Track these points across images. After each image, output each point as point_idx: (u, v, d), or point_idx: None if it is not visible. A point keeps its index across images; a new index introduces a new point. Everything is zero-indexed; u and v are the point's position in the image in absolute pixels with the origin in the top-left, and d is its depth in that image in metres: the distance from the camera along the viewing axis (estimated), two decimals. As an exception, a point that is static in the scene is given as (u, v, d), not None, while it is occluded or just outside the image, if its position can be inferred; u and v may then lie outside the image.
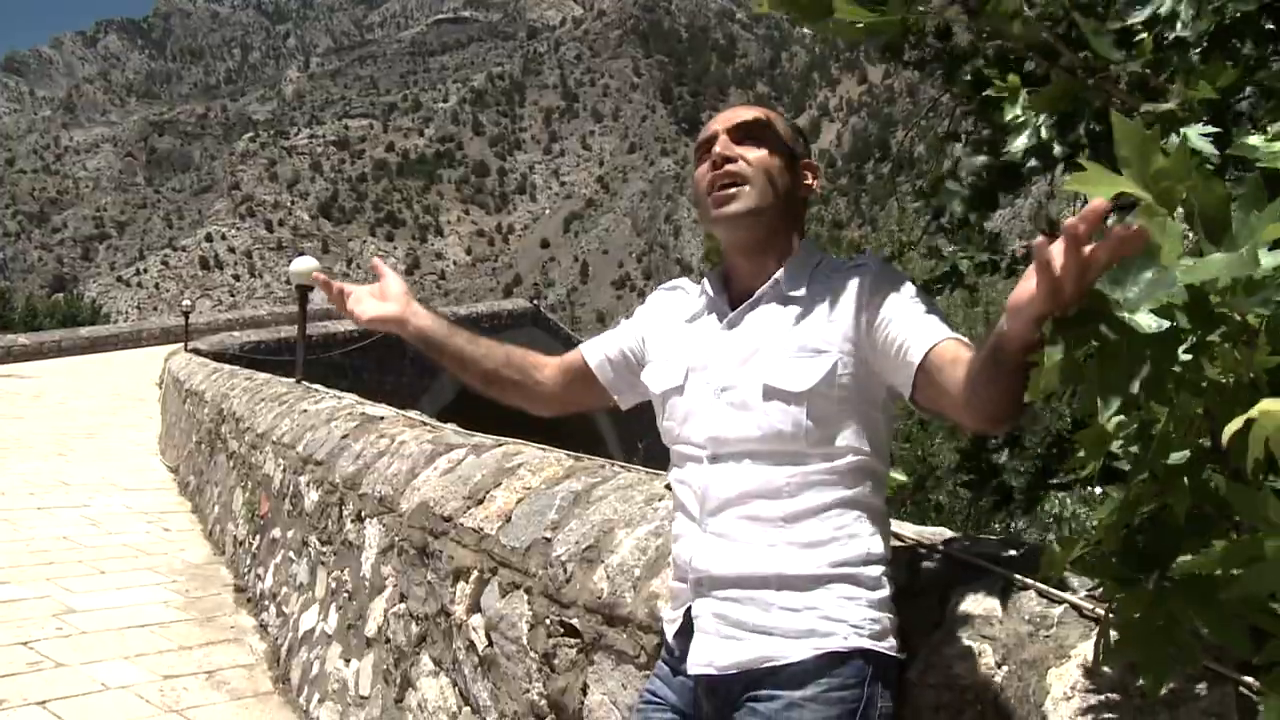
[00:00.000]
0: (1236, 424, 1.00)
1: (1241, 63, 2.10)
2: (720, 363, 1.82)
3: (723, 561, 1.75)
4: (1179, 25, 2.08)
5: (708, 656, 1.75)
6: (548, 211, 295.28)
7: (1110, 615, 1.38)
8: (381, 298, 2.14)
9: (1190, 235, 1.15)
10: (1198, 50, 2.10)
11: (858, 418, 1.74)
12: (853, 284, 1.75)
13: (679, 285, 2.05)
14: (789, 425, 1.72)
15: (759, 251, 1.85)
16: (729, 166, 1.82)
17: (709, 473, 1.79)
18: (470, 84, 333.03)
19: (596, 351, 2.09)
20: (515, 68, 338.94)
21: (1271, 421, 0.97)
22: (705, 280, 1.95)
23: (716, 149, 1.84)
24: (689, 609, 1.81)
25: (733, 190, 1.82)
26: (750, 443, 1.75)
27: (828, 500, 1.72)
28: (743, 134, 1.85)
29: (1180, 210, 1.15)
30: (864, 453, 1.74)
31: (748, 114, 1.87)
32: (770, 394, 1.73)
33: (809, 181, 1.91)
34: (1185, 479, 1.21)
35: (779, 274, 1.81)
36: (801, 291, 1.79)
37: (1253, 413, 0.98)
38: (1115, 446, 1.26)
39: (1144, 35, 2.04)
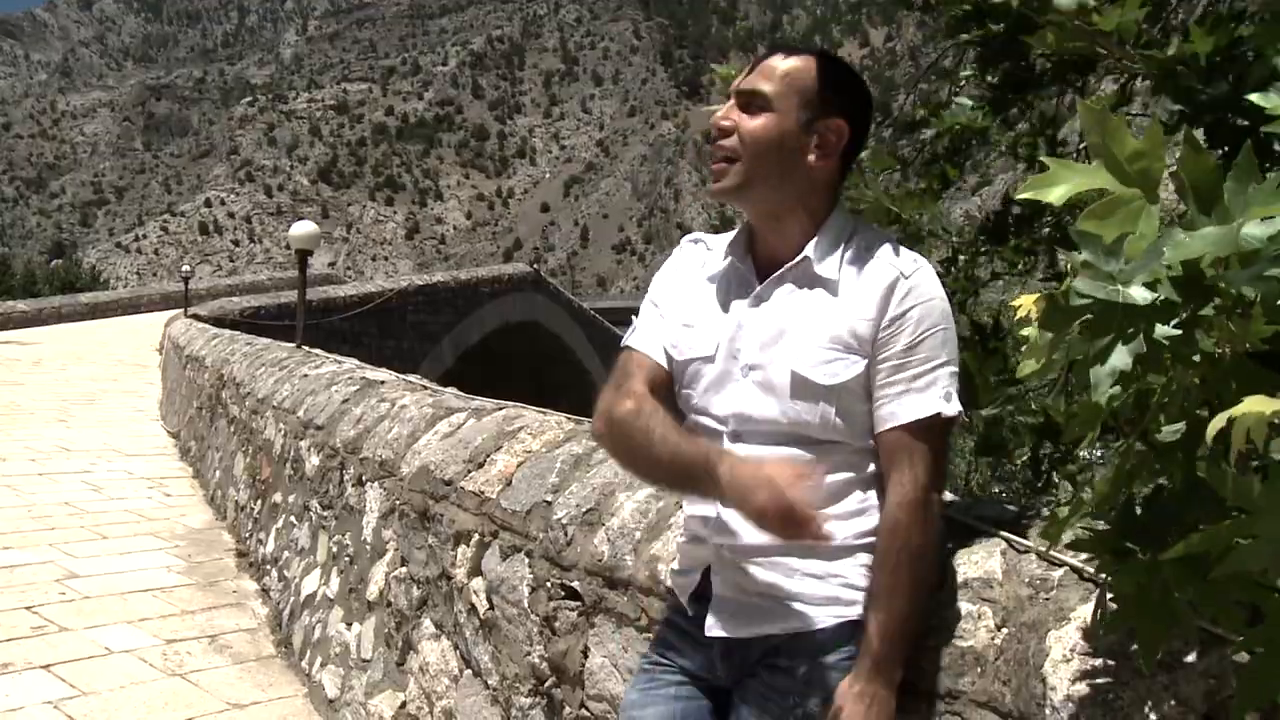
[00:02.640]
0: (1220, 421, 1.01)
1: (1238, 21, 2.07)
2: (747, 340, 1.75)
3: (746, 532, 1.71)
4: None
5: (729, 621, 1.74)
6: (548, 175, 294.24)
7: (1107, 583, 1.39)
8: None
9: (1181, 207, 1.14)
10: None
11: None
12: (883, 286, 1.69)
13: (702, 239, 1.93)
14: (816, 418, 1.69)
15: (774, 220, 1.78)
16: (721, 141, 1.75)
17: (730, 450, 1.72)
18: (470, 47, 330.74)
19: (659, 350, 1.86)
20: (515, 30, 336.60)
21: (1251, 418, 0.98)
22: (732, 240, 1.86)
23: (717, 115, 1.77)
24: (707, 570, 1.78)
25: (722, 166, 1.75)
26: (775, 425, 1.71)
27: (853, 478, 1.71)
28: (748, 98, 1.74)
29: (1169, 184, 1.14)
30: None
31: (753, 80, 1.75)
32: (798, 383, 1.69)
33: (828, 145, 1.73)
34: (1181, 452, 1.21)
35: (808, 249, 1.74)
36: (832, 273, 1.72)
37: (1234, 411, 0.99)
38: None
39: None
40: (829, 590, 1.68)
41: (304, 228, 9.47)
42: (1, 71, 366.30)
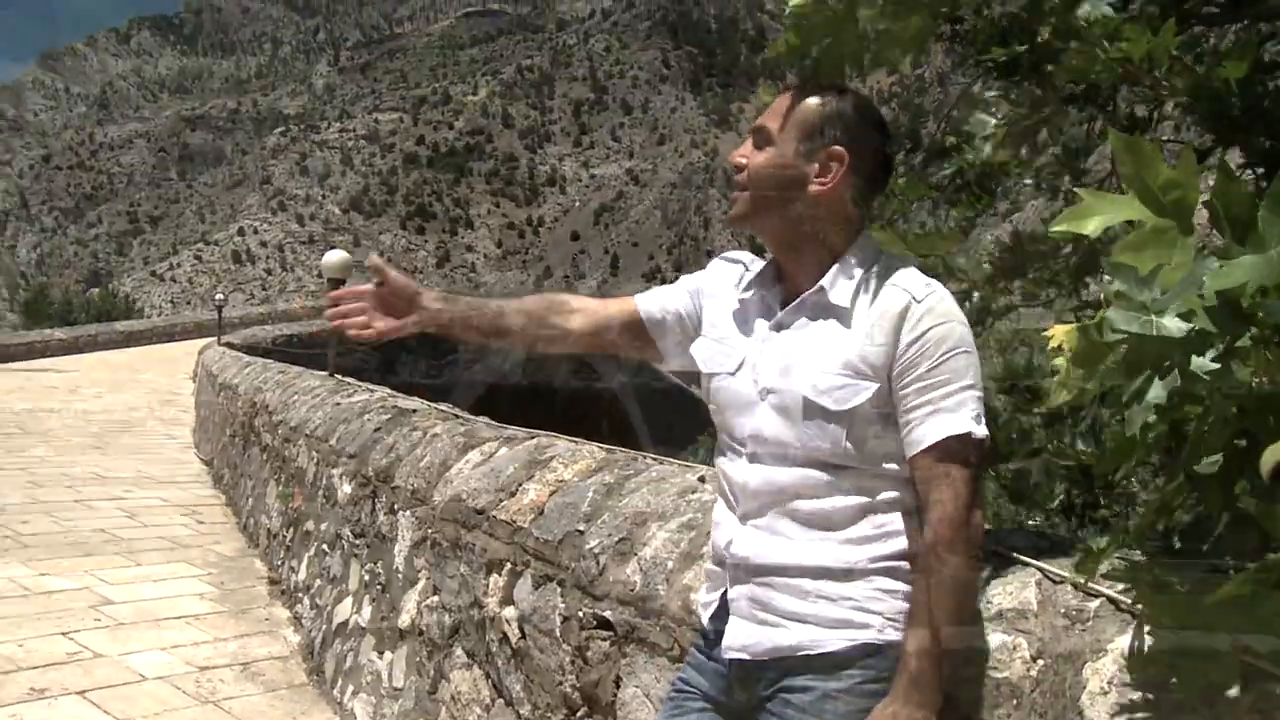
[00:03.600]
0: (1277, 453, 0.99)
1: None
2: (766, 365, 1.80)
3: (762, 551, 1.75)
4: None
5: (742, 641, 1.76)
6: (578, 204, 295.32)
7: (1145, 615, 1.37)
8: (389, 304, 2.01)
9: (1214, 236, 1.13)
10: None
11: (899, 431, 1.72)
12: (895, 313, 1.70)
13: (740, 259, 1.99)
14: (828, 442, 1.72)
15: (791, 250, 1.84)
16: (737, 176, 1.85)
17: (748, 470, 1.79)
18: (500, 76, 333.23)
19: (655, 308, 2.01)
20: (544, 60, 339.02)
21: None
22: (762, 268, 1.92)
23: (734, 153, 1.87)
24: (724, 593, 1.81)
25: (736, 196, 1.86)
26: (790, 448, 1.74)
27: (867, 502, 1.72)
28: (758, 134, 1.84)
29: (1204, 212, 1.13)
30: (904, 460, 1.72)
31: (764, 118, 1.85)
32: (811, 408, 1.72)
33: (829, 173, 1.77)
34: (1219, 483, 1.19)
35: (825, 280, 1.77)
36: (845, 302, 1.75)
37: None
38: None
39: None
40: (841, 613, 1.69)
41: (336, 256, 9.54)
42: (42, 104, 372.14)
